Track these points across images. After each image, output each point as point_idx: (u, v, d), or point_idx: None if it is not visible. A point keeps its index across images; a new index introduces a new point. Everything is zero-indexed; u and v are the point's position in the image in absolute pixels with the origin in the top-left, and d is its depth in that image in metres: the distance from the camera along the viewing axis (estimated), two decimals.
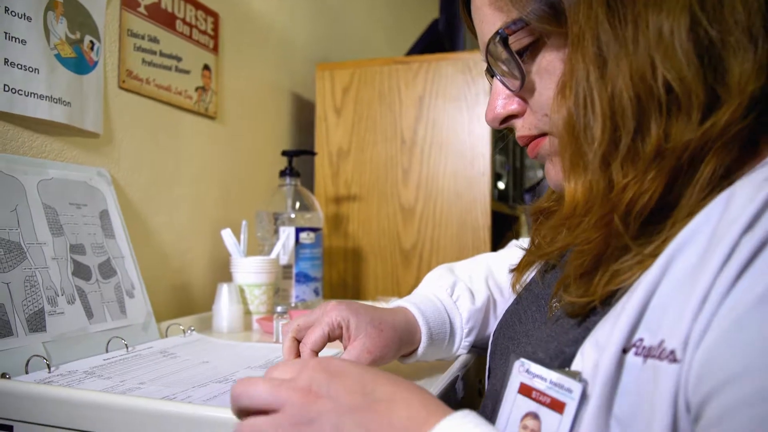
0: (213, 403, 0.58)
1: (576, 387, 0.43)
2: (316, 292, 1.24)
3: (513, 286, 0.66)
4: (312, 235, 1.23)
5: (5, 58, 0.79)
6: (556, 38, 0.48)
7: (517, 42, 0.49)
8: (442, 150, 1.48)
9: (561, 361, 0.45)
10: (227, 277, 1.12)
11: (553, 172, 0.54)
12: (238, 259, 1.08)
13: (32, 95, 0.82)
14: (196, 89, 1.20)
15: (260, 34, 1.47)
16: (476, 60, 1.46)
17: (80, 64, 0.91)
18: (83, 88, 0.92)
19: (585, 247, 0.45)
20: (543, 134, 0.53)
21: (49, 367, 0.69)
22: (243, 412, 0.43)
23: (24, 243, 0.75)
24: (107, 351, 0.79)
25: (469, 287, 0.78)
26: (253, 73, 1.44)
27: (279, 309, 0.92)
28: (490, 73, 0.55)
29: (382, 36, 2.46)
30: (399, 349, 0.68)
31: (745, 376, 0.33)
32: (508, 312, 0.64)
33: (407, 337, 0.69)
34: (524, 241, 0.85)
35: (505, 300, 0.80)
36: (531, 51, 0.49)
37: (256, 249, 1.24)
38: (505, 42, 0.49)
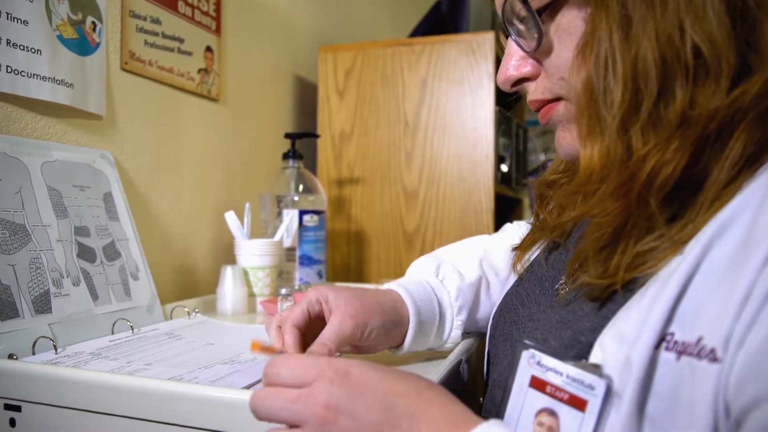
0: (219, 384, 0.59)
1: (599, 384, 0.40)
2: (319, 275, 1.24)
3: (514, 265, 0.64)
4: (315, 217, 1.23)
5: (7, 39, 0.78)
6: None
7: (536, 0, 0.46)
8: (445, 133, 1.48)
9: (577, 351, 0.43)
10: (231, 260, 1.12)
11: (566, 140, 0.50)
12: (242, 241, 1.09)
13: (35, 76, 0.82)
14: (199, 71, 1.20)
15: (263, 16, 1.46)
16: (480, 42, 1.45)
17: (82, 46, 0.91)
18: (86, 69, 0.91)
19: (603, 220, 0.43)
20: (557, 99, 0.50)
21: (55, 348, 0.69)
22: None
23: (29, 225, 0.75)
24: (113, 333, 0.80)
25: (456, 267, 0.74)
26: (255, 55, 1.43)
27: (283, 291, 0.92)
28: (505, 33, 0.51)
29: (385, 18, 2.44)
30: (384, 324, 0.64)
31: None
32: (509, 294, 0.62)
33: (393, 314, 0.66)
34: (520, 224, 0.83)
35: (500, 282, 0.77)
36: (550, 10, 0.46)
37: (259, 232, 1.24)
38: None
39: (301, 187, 1.24)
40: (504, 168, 1.65)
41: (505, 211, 2.10)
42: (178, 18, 1.13)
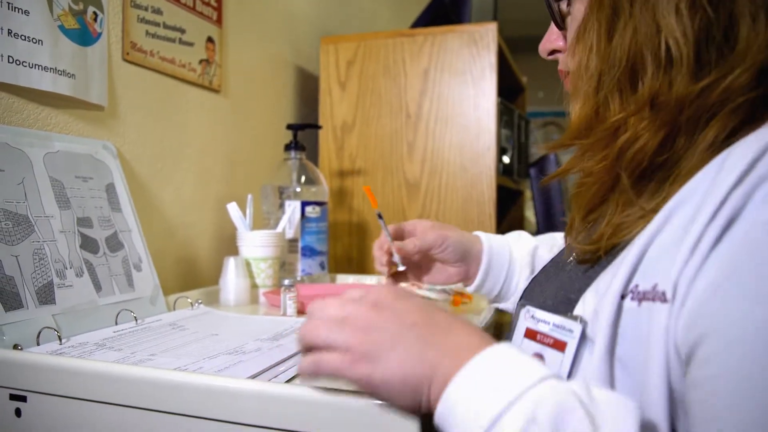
0: (225, 374, 0.59)
1: (576, 327, 0.48)
2: (321, 266, 1.24)
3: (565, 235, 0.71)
4: (317, 209, 1.22)
5: (8, 29, 0.78)
6: None
7: None
8: (447, 124, 1.47)
9: (565, 307, 0.50)
10: (233, 251, 1.12)
11: (571, 107, 0.58)
12: (244, 232, 1.08)
13: (36, 67, 0.82)
14: (200, 62, 1.19)
15: (264, 7, 1.45)
16: (482, 33, 1.44)
17: (84, 36, 0.90)
18: (87, 59, 0.91)
19: (586, 180, 0.52)
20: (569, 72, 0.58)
21: (60, 338, 0.69)
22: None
23: (32, 216, 0.75)
24: (116, 324, 0.80)
25: (534, 238, 0.89)
26: (257, 46, 1.43)
27: (286, 282, 0.92)
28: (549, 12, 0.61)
29: (386, 9, 2.43)
30: (460, 242, 0.82)
31: (732, 322, 0.36)
32: (532, 279, 0.67)
33: (468, 241, 0.83)
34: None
35: None
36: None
37: (261, 223, 1.24)
38: None
39: (303, 179, 1.23)
40: (506, 159, 1.65)
41: (507, 203, 2.09)
42: (179, 8, 1.12)
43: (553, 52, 0.61)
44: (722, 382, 0.36)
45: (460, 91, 1.46)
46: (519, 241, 0.87)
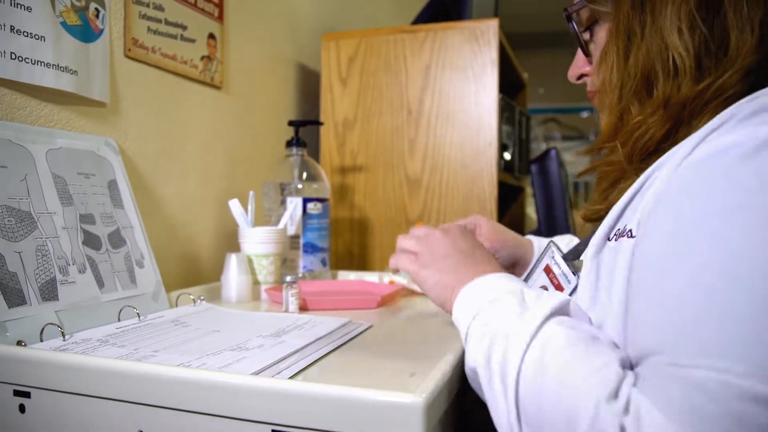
0: (228, 370, 0.59)
1: (573, 280, 0.65)
2: (323, 263, 1.24)
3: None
4: (319, 205, 1.23)
5: (11, 26, 0.78)
6: (605, 17, 0.64)
7: (582, 19, 0.67)
8: (449, 120, 1.47)
9: (576, 256, 0.66)
10: (235, 248, 1.12)
11: (601, 120, 0.70)
12: (246, 229, 1.09)
13: (39, 63, 0.82)
14: (202, 58, 1.19)
15: (265, 3, 1.45)
16: (483, 29, 1.44)
17: (86, 32, 0.90)
18: (89, 56, 0.91)
19: (606, 169, 0.62)
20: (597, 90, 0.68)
21: (63, 335, 0.70)
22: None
23: (34, 212, 0.75)
24: (119, 320, 0.80)
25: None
26: (258, 43, 1.42)
27: (288, 278, 0.92)
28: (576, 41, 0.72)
29: (387, 5, 2.42)
30: (511, 255, 0.95)
31: (653, 228, 0.47)
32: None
33: (519, 254, 0.96)
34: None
35: None
36: (589, 29, 0.67)
37: (263, 219, 1.24)
38: (569, 18, 0.67)
39: (304, 175, 1.23)
40: (507, 156, 1.65)
41: (508, 199, 2.10)
42: (180, 5, 1.12)
43: (581, 76, 0.72)
44: (646, 269, 0.47)
45: (461, 87, 1.46)
46: (569, 244, 0.97)
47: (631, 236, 0.52)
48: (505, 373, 0.49)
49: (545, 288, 0.66)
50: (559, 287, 0.64)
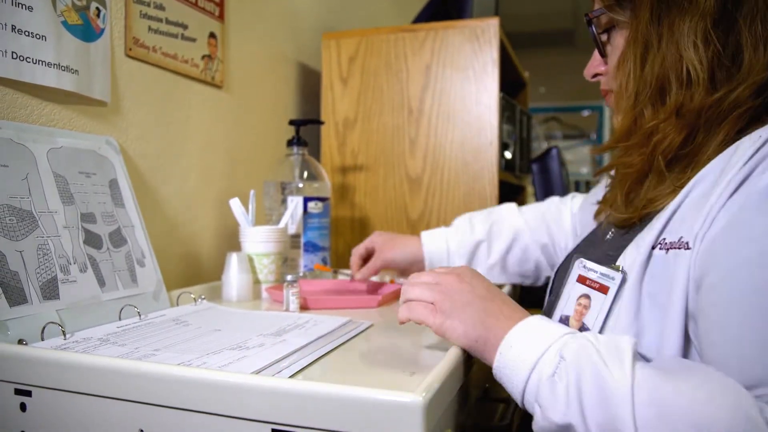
0: (228, 369, 0.59)
1: (617, 276, 0.63)
2: (324, 262, 1.24)
3: (596, 215, 0.82)
4: (320, 204, 1.23)
5: (12, 25, 0.78)
6: (623, 25, 0.68)
7: (601, 23, 0.71)
8: (450, 119, 1.47)
9: (608, 261, 0.66)
10: (235, 247, 1.12)
11: (614, 119, 0.74)
12: (247, 228, 1.09)
13: (40, 63, 0.82)
14: (203, 57, 1.19)
15: (266, 2, 1.45)
16: (484, 28, 1.44)
17: (87, 32, 0.90)
18: (90, 55, 0.91)
19: (627, 171, 0.67)
20: (611, 91, 0.73)
21: (64, 334, 0.70)
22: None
23: (35, 211, 0.75)
24: (120, 319, 0.80)
25: (472, 222, 1.11)
26: (259, 42, 1.42)
27: (289, 278, 0.92)
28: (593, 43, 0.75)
29: (388, 4, 2.42)
30: (404, 260, 1.09)
31: (727, 257, 0.51)
32: (575, 248, 0.82)
33: (412, 256, 1.09)
34: (565, 198, 1.12)
35: (504, 241, 1.08)
36: (607, 33, 0.71)
37: (263, 219, 1.24)
38: (589, 22, 0.71)
39: (305, 174, 1.23)
40: (508, 155, 1.65)
41: (508, 198, 2.09)
42: (181, 4, 1.12)
43: (595, 75, 0.76)
44: (722, 300, 0.51)
45: (461, 86, 1.46)
46: (461, 235, 1.10)
47: (688, 248, 0.55)
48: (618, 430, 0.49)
49: (587, 296, 0.66)
50: (602, 288, 0.64)
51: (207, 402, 0.51)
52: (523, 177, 1.98)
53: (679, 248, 0.56)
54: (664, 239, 0.58)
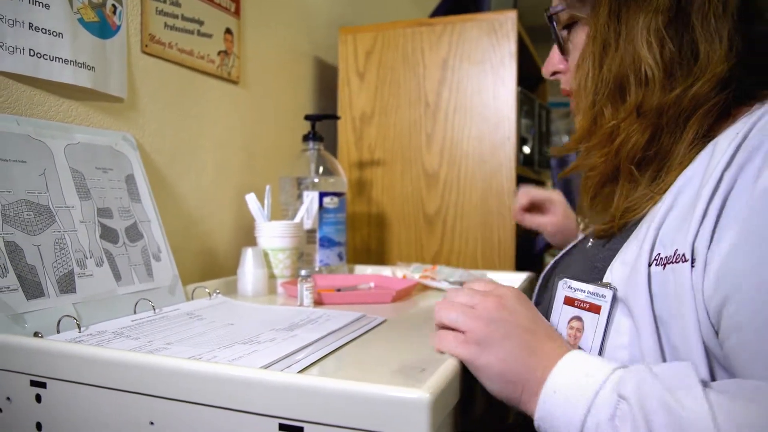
0: (238, 363, 0.59)
1: (608, 293, 0.58)
2: (339, 257, 1.25)
3: (584, 230, 0.81)
4: (336, 199, 1.23)
5: (30, 23, 0.79)
6: (584, 21, 0.66)
7: (561, 20, 0.69)
8: (467, 114, 1.46)
9: (594, 274, 0.62)
10: (251, 242, 1.13)
11: (575, 119, 0.71)
12: (263, 223, 1.09)
13: (57, 60, 0.83)
14: (219, 53, 1.20)
15: None
16: (501, 21, 1.42)
17: (103, 29, 0.91)
18: (107, 52, 0.92)
19: (590, 173, 0.65)
20: (572, 90, 0.70)
21: (79, 327, 0.71)
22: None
23: (53, 206, 0.77)
24: (135, 312, 0.81)
25: None
26: (275, 37, 1.43)
27: (303, 272, 0.92)
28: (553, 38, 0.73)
29: None
30: (572, 224, 1.09)
31: (749, 281, 0.47)
32: (554, 262, 0.80)
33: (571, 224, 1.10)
34: None
35: None
36: (568, 29, 0.70)
37: (279, 214, 1.24)
38: (550, 19, 0.70)
39: (321, 169, 1.24)
40: (526, 150, 1.63)
41: None
42: (197, 0, 1.13)
43: (554, 73, 0.75)
44: (749, 332, 0.46)
45: (479, 80, 1.45)
46: None
47: (686, 260, 0.51)
48: None
49: (579, 318, 0.60)
50: (593, 308, 0.58)
51: (215, 396, 0.51)
52: (542, 172, 1.96)
53: (677, 262, 0.52)
54: (659, 254, 0.54)
